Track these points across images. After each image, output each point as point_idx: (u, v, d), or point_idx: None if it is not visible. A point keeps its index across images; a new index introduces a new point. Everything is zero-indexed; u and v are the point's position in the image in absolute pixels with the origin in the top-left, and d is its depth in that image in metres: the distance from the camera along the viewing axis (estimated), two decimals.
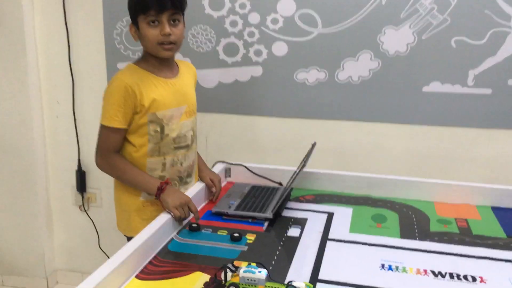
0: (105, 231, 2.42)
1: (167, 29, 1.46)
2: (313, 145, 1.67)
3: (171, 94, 1.56)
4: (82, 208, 2.40)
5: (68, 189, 2.41)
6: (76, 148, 2.33)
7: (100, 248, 2.43)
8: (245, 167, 1.83)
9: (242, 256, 1.26)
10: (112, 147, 1.54)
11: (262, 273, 1.08)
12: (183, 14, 1.53)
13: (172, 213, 1.39)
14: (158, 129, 1.55)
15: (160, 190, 1.46)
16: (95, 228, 2.42)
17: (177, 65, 1.64)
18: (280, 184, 1.79)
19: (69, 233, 2.48)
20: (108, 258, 2.52)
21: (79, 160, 2.34)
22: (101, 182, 2.36)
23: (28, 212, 2.37)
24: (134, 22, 1.52)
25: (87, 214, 2.41)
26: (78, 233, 2.46)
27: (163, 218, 1.36)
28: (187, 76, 1.67)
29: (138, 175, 1.53)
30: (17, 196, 2.36)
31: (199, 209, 1.57)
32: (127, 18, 2.11)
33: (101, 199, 2.38)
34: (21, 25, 2.14)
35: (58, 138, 2.35)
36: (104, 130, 1.53)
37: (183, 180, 1.65)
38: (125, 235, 1.67)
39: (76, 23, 2.18)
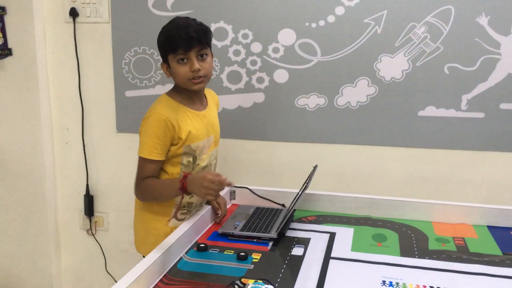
0: (112, 254, 2.46)
1: (196, 65, 1.52)
2: (315, 168, 1.73)
3: (203, 126, 1.63)
4: (90, 232, 2.45)
5: (76, 213, 2.46)
6: (85, 173, 2.39)
7: (107, 271, 2.47)
8: (249, 189, 1.89)
9: (249, 274, 1.31)
10: (147, 175, 1.57)
11: None
12: (210, 47, 1.59)
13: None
14: (191, 159, 1.61)
15: (184, 189, 1.46)
16: (102, 252, 2.46)
17: (205, 96, 1.71)
18: (283, 205, 1.85)
19: (76, 256, 2.51)
20: (115, 281, 2.56)
21: (87, 185, 2.40)
22: (109, 206, 2.42)
23: (37, 236, 2.42)
24: (165, 60, 1.58)
25: (94, 238, 2.45)
26: (85, 256, 2.50)
27: (172, 239, 1.42)
28: (213, 105, 1.74)
29: (163, 187, 1.56)
30: (26, 220, 2.40)
31: (206, 229, 1.63)
32: (135, 48, 2.21)
33: (108, 223, 2.43)
34: (33, 55, 2.23)
35: (67, 163, 2.42)
36: (143, 162, 1.57)
37: (203, 203, 1.72)
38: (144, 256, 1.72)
39: (86, 52, 2.27)
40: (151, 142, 1.54)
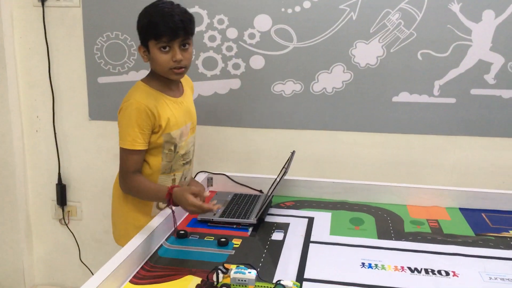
0: (86, 244, 2.42)
1: (179, 55, 1.49)
2: (292, 154, 1.74)
3: (181, 113, 1.60)
4: (63, 221, 2.40)
5: (48, 202, 2.40)
6: (57, 161, 2.33)
7: (81, 261, 2.43)
8: (227, 176, 1.89)
9: (230, 260, 1.31)
10: (133, 168, 1.53)
11: (252, 274, 1.14)
12: (192, 36, 1.56)
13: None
14: (172, 148, 1.59)
15: (172, 204, 1.45)
16: (76, 242, 2.42)
17: (181, 82, 1.68)
18: (261, 191, 1.86)
19: (49, 247, 2.46)
20: (90, 270, 2.52)
21: (59, 174, 2.34)
22: (82, 195, 2.37)
23: (7, 227, 2.35)
24: (144, 44, 1.53)
25: (68, 228, 2.40)
26: (58, 246, 2.45)
27: (152, 226, 1.40)
28: (189, 91, 1.72)
29: (150, 193, 1.53)
30: None
31: (185, 215, 1.62)
32: (107, 33, 2.16)
33: (81, 212, 2.39)
34: (0, 40, 2.14)
35: (38, 152, 2.35)
36: (126, 153, 1.52)
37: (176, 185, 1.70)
38: None
39: (56, 38, 2.20)
40: (133, 132, 1.49)
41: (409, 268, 1.29)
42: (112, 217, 1.72)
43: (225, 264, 1.20)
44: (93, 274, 1.11)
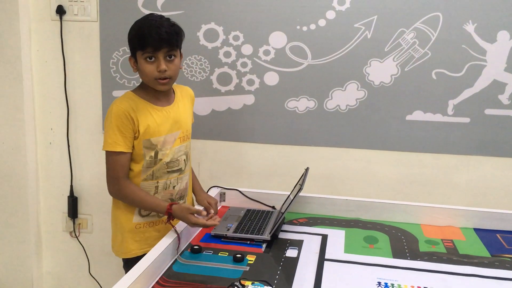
0: (96, 257, 2.41)
1: (163, 66, 1.53)
2: (307, 170, 1.74)
3: (165, 121, 1.62)
4: (73, 234, 2.40)
5: (59, 215, 2.41)
6: (69, 174, 2.34)
7: (91, 275, 2.42)
8: (240, 191, 1.89)
9: (245, 276, 1.30)
10: (120, 172, 1.57)
11: None
12: (179, 48, 1.60)
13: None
14: (152, 154, 1.61)
15: (171, 219, 1.51)
16: (86, 254, 2.41)
17: (174, 92, 1.71)
18: (274, 207, 1.85)
19: (58, 259, 2.46)
20: (99, 284, 2.50)
21: (71, 186, 2.35)
22: (93, 208, 2.37)
23: (18, 238, 2.35)
24: (133, 55, 1.59)
25: (78, 240, 2.40)
26: (68, 259, 2.45)
27: (167, 240, 1.40)
28: (183, 101, 1.73)
29: (146, 205, 1.60)
30: (7, 222, 2.34)
31: (199, 230, 1.61)
32: (123, 48, 2.18)
33: (92, 225, 2.39)
34: (18, 53, 2.17)
35: (51, 164, 2.36)
36: (109, 156, 1.57)
37: (174, 202, 1.70)
38: (120, 257, 1.70)
39: (73, 51, 2.23)
40: (114, 135, 1.55)
41: None
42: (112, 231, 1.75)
43: (241, 281, 1.20)
44: None
